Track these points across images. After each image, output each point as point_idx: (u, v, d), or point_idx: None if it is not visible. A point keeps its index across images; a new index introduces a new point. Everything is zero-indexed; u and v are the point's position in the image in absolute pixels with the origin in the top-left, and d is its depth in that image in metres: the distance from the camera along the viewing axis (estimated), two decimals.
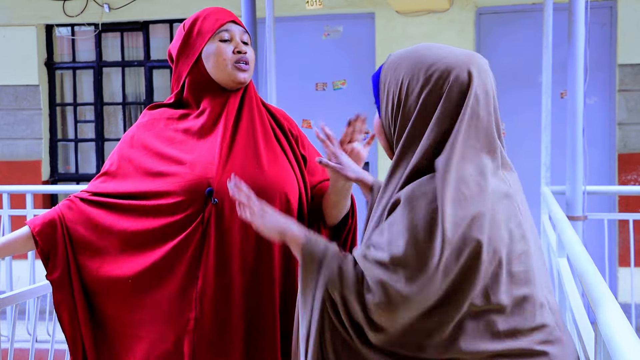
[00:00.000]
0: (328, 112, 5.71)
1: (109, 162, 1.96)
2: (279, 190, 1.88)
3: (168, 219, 1.82)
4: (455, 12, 5.54)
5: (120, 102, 6.37)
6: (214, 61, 1.89)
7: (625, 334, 1.34)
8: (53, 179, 6.39)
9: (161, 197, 1.83)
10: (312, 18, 5.69)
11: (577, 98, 3.42)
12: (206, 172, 1.82)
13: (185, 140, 1.89)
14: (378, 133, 1.57)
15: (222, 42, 1.90)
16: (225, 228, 1.82)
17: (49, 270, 1.87)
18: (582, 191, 3.46)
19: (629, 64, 5.36)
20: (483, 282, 1.35)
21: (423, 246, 1.33)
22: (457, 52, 1.45)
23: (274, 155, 1.92)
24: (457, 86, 1.40)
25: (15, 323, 2.43)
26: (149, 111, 2.01)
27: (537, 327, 1.41)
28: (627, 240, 4.64)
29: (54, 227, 1.86)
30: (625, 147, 5.40)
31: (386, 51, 5.62)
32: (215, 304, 1.82)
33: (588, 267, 1.92)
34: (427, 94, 1.41)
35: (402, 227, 1.37)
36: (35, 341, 2.61)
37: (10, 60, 6.28)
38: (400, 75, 1.45)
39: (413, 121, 1.43)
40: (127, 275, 1.83)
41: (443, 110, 1.39)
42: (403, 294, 1.35)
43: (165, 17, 6.13)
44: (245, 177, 1.79)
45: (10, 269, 4.53)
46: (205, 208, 1.81)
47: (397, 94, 1.45)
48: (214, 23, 1.91)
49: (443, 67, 1.41)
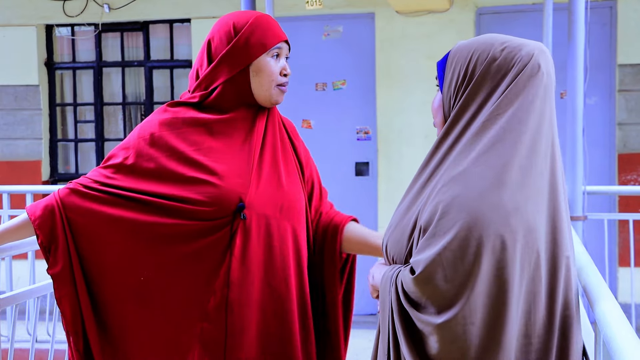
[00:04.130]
0: (328, 112, 5.71)
1: (122, 153, 1.85)
2: (298, 208, 1.90)
3: (192, 222, 1.78)
4: (455, 12, 5.54)
5: (120, 102, 6.37)
6: (262, 78, 1.86)
7: (624, 330, 1.35)
8: (53, 179, 6.39)
9: (189, 203, 1.78)
10: (312, 18, 5.69)
11: (577, 98, 3.42)
12: (239, 186, 1.80)
13: (213, 148, 1.84)
14: (436, 110, 1.58)
15: (272, 59, 1.87)
16: (250, 244, 1.80)
17: (50, 264, 1.80)
18: (582, 191, 3.46)
19: (629, 64, 5.36)
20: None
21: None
22: (525, 41, 1.52)
23: (292, 173, 1.92)
24: (526, 64, 1.46)
25: (15, 323, 2.42)
26: (171, 108, 1.91)
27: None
28: (627, 240, 4.63)
29: (53, 217, 1.79)
30: (625, 147, 5.40)
31: (386, 51, 5.62)
32: (230, 319, 1.79)
33: (587, 267, 1.92)
34: (496, 67, 1.46)
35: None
36: (35, 341, 2.61)
37: (10, 60, 6.28)
38: (470, 51, 1.50)
39: (482, 97, 1.46)
40: (136, 272, 1.79)
41: (510, 86, 1.44)
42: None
43: (165, 17, 6.13)
44: (272, 195, 1.83)
45: (10, 269, 4.53)
46: (233, 222, 1.79)
47: (465, 66, 1.49)
48: (272, 39, 1.86)
49: (515, 44, 1.48)
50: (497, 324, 1.38)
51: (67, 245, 1.79)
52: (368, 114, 5.66)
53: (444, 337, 1.38)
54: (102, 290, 1.83)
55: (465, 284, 1.37)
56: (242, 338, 1.80)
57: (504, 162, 1.41)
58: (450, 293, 1.38)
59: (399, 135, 5.59)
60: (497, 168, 1.41)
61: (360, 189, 5.68)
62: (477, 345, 1.37)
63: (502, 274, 1.37)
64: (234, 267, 1.78)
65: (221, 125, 1.86)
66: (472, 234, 1.36)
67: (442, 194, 1.42)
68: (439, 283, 1.38)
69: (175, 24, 6.18)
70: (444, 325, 1.38)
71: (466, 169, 1.42)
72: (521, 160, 1.42)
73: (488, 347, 1.38)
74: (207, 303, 1.79)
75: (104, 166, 1.87)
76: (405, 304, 1.44)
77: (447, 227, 1.38)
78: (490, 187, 1.39)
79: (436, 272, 1.38)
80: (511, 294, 1.38)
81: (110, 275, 1.82)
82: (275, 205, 1.83)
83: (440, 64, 1.58)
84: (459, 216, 1.38)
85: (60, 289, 1.81)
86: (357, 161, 5.71)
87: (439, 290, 1.39)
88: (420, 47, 5.54)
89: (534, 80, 1.46)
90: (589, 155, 3.56)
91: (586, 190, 3.48)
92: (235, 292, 1.79)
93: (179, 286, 1.80)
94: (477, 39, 1.54)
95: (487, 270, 1.37)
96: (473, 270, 1.36)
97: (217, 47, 1.86)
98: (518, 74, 1.45)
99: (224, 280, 1.78)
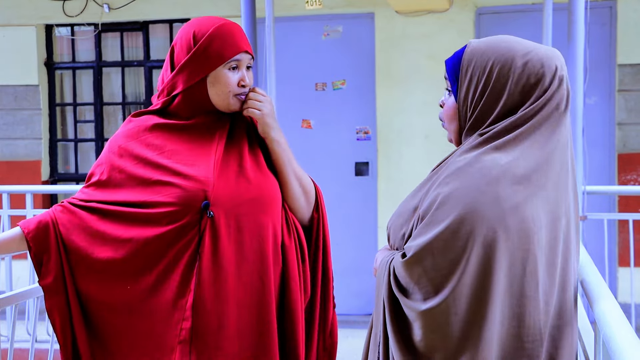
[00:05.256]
0: (328, 112, 5.71)
1: (98, 171, 1.94)
2: (270, 201, 1.91)
3: (163, 228, 1.82)
4: (455, 12, 5.54)
5: (120, 102, 6.37)
6: (218, 89, 1.88)
7: (624, 330, 1.35)
8: (53, 179, 6.39)
9: (157, 206, 1.83)
10: (312, 18, 5.69)
11: (577, 98, 3.43)
12: (202, 184, 1.83)
13: (176, 150, 1.88)
14: (450, 118, 1.58)
15: (230, 71, 1.89)
16: (220, 241, 1.83)
17: (42, 275, 1.84)
18: (582, 191, 3.46)
19: (629, 64, 5.36)
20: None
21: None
22: (542, 47, 1.51)
23: (262, 169, 1.93)
24: (550, 77, 1.45)
25: (15, 323, 2.42)
26: (134, 118, 1.98)
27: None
28: (627, 240, 4.63)
29: (47, 231, 1.84)
30: (625, 147, 5.40)
31: (386, 51, 5.62)
32: (209, 315, 1.82)
33: (587, 267, 1.92)
34: (520, 85, 1.45)
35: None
36: (35, 341, 2.62)
37: (10, 60, 6.28)
38: (489, 63, 1.48)
39: (499, 110, 1.46)
40: (123, 282, 1.83)
41: (535, 99, 1.44)
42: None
43: (165, 17, 6.13)
44: (240, 190, 1.85)
45: (10, 269, 4.53)
46: (201, 221, 1.82)
47: (483, 82, 1.47)
48: (230, 50, 1.87)
49: (537, 59, 1.46)
50: (478, 318, 1.39)
51: (60, 258, 1.84)
52: (368, 114, 5.65)
53: (427, 325, 1.42)
54: (91, 301, 1.87)
55: (452, 274, 1.40)
56: (220, 335, 1.83)
57: (509, 160, 1.42)
58: (436, 281, 1.41)
59: (399, 135, 5.58)
60: (500, 166, 1.41)
61: (360, 189, 5.68)
62: (458, 336, 1.40)
63: (488, 270, 1.38)
64: (204, 265, 1.81)
65: (184, 130, 1.91)
66: (465, 226, 1.39)
67: (444, 185, 1.44)
68: (427, 270, 1.41)
69: (175, 24, 6.17)
70: (427, 312, 1.41)
71: (470, 162, 1.44)
72: (528, 162, 1.42)
73: (468, 339, 1.40)
74: (185, 303, 1.82)
75: (86, 186, 1.95)
76: (395, 289, 1.48)
77: (442, 217, 1.41)
78: (490, 183, 1.40)
79: (425, 259, 1.41)
80: (494, 291, 1.39)
81: (99, 286, 1.86)
82: (244, 200, 1.85)
83: (450, 64, 1.56)
84: (455, 208, 1.40)
85: (51, 299, 1.85)
86: (357, 161, 5.71)
87: (425, 277, 1.42)
88: (420, 47, 5.54)
89: (557, 97, 1.47)
90: (588, 155, 3.56)
91: (586, 190, 3.49)
92: (208, 290, 1.82)
93: (161, 293, 1.83)
94: (493, 44, 1.51)
95: (475, 263, 1.38)
96: (460, 261, 1.39)
97: (178, 54, 1.92)
98: (543, 95, 1.45)
99: (197, 279, 1.82)
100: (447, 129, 1.60)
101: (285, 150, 1.96)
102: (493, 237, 1.38)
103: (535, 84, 1.45)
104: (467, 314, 1.40)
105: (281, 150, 1.95)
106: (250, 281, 1.86)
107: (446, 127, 1.61)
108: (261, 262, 1.87)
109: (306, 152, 5.43)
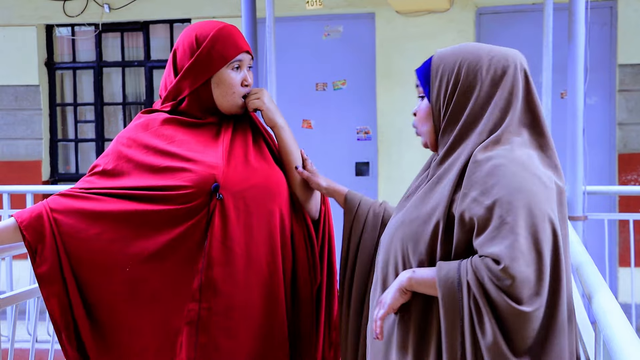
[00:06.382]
0: (328, 112, 5.71)
1: (102, 161, 1.94)
2: (275, 186, 1.96)
3: (173, 206, 1.84)
4: (455, 12, 5.54)
5: (120, 102, 6.37)
6: (223, 90, 1.94)
7: (624, 330, 1.35)
8: (53, 179, 6.40)
9: (168, 189, 1.85)
10: (312, 18, 5.69)
11: (577, 98, 3.42)
12: (212, 169, 1.87)
13: (186, 140, 1.93)
14: (424, 119, 1.65)
15: (233, 71, 1.94)
16: (230, 224, 1.86)
17: (37, 264, 1.84)
18: (582, 191, 3.46)
19: (629, 64, 5.36)
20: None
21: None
22: (505, 47, 1.64)
23: (267, 159, 1.99)
24: (514, 73, 1.56)
25: (15, 323, 2.42)
26: (144, 115, 2.02)
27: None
28: (627, 240, 4.63)
29: (40, 219, 1.84)
30: (625, 147, 5.40)
31: (386, 51, 5.62)
32: (218, 296, 1.84)
33: (587, 267, 1.92)
34: (489, 76, 1.55)
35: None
36: (35, 341, 2.61)
37: (10, 60, 6.28)
38: (457, 62, 1.58)
39: (473, 103, 1.55)
40: (123, 264, 1.83)
41: (503, 93, 1.54)
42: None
43: (165, 17, 6.13)
44: (247, 175, 1.91)
45: (10, 269, 4.53)
46: (210, 202, 1.85)
47: (453, 78, 1.56)
48: (232, 50, 1.93)
49: (500, 55, 1.58)
50: (554, 305, 1.44)
51: (56, 245, 1.83)
52: (368, 114, 5.66)
53: (528, 323, 1.41)
54: (91, 286, 1.86)
55: (542, 269, 1.41)
56: (228, 317, 1.84)
57: (528, 151, 1.52)
58: (532, 279, 1.41)
59: (399, 135, 5.58)
60: (531, 156, 1.52)
61: (360, 189, 5.61)
62: (543, 325, 1.43)
63: (557, 256, 1.44)
64: (214, 246, 1.84)
65: (193, 126, 1.97)
66: (533, 219, 1.43)
67: (495, 187, 1.45)
68: (523, 269, 1.40)
69: (175, 24, 6.18)
70: (533, 313, 1.40)
71: (507, 158, 1.48)
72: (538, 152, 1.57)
73: (549, 328, 1.44)
74: (191, 285, 1.83)
75: (88, 175, 1.95)
76: (495, 293, 1.42)
77: (513, 217, 1.42)
78: (534, 174, 1.49)
79: (518, 259, 1.40)
80: (563, 274, 1.45)
81: (98, 270, 1.85)
82: (251, 184, 1.90)
83: (421, 72, 1.64)
84: (519, 204, 1.43)
85: (47, 288, 1.84)
86: (357, 161, 5.71)
87: (523, 278, 1.40)
88: (420, 47, 5.54)
89: (523, 83, 1.58)
90: (589, 155, 3.56)
91: (586, 190, 3.48)
92: (218, 272, 1.84)
93: (165, 272, 1.84)
94: (459, 48, 1.62)
95: (549, 254, 1.43)
96: (544, 252, 1.42)
97: (181, 58, 1.96)
98: (513, 84, 1.55)
99: (207, 260, 1.84)
100: (421, 132, 1.67)
101: (291, 137, 2.04)
102: (552, 221, 1.44)
103: (503, 74, 1.55)
104: (547, 305, 1.43)
105: (288, 137, 2.03)
106: (259, 263, 1.88)
107: (420, 132, 1.68)
108: (270, 245, 1.91)
109: (306, 152, 5.42)
